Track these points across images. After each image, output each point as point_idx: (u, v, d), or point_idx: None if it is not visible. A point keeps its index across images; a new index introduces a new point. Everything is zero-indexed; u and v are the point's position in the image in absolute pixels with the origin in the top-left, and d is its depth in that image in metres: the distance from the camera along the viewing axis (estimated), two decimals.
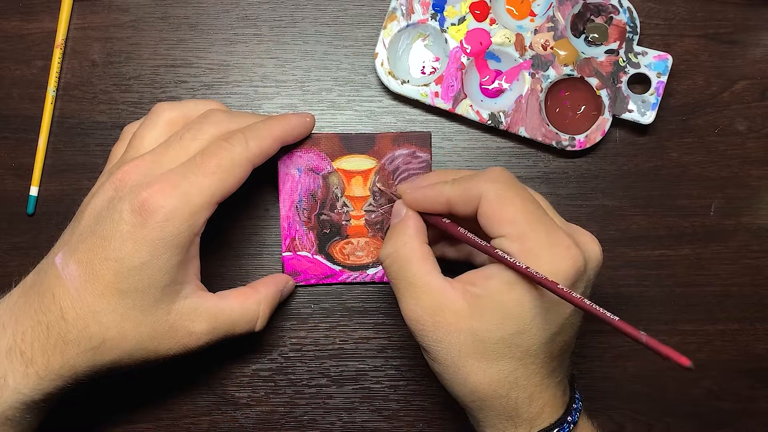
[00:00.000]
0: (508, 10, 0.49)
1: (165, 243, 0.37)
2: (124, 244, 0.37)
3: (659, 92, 0.47)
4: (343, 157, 0.46)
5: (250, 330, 0.43)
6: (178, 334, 0.40)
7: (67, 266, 0.38)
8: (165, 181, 0.38)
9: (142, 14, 0.49)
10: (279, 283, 0.45)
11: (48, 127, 0.48)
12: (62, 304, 0.38)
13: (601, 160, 0.49)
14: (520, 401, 0.37)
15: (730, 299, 0.49)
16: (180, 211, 0.38)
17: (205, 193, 0.38)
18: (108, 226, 0.38)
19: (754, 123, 0.49)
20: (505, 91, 0.48)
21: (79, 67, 0.49)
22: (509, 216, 0.37)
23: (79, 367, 0.38)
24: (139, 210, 0.37)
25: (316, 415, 0.48)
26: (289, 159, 0.45)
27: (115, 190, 0.39)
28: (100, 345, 0.38)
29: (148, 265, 0.37)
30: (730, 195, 0.49)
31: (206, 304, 0.41)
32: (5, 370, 0.38)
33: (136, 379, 0.47)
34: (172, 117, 0.42)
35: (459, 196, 0.38)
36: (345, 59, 0.49)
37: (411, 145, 0.46)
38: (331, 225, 0.46)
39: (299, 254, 0.46)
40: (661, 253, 0.49)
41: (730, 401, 0.49)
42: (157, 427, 0.48)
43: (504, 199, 0.37)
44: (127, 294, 0.38)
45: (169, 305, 0.39)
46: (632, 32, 0.47)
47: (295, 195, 0.46)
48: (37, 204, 0.48)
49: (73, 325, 0.38)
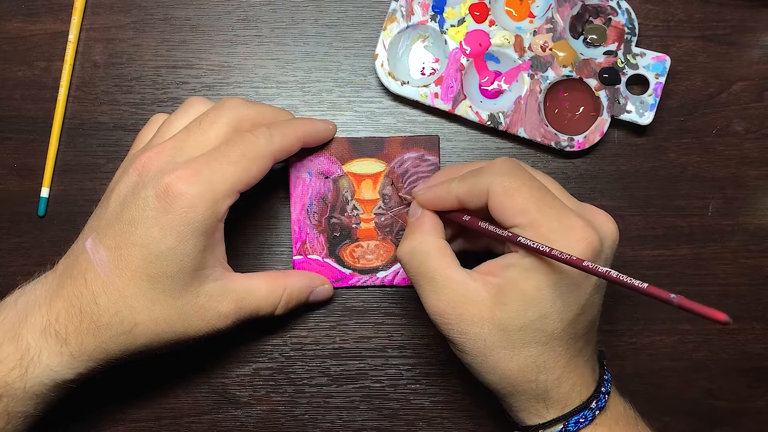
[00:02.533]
0: (508, 11, 0.49)
1: (190, 229, 0.38)
2: (150, 230, 0.38)
3: (657, 93, 0.47)
4: (353, 160, 0.46)
5: (271, 313, 0.44)
6: (208, 315, 0.40)
7: (97, 252, 0.39)
8: (188, 168, 0.38)
9: (143, 16, 0.49)
10: (313, 279, 0.46)
11: (59, 127, 0.49)
12: (94, 289, 0.39)
13: (599, 160, 0.49)
14: (549, 384, 0.38)
15: (727, 299, 0.49)
16: (203, 197, 0.38)
17: (228, 180, 0.39)
18: (133, 211, 0.38)
19: (752, 124, 0.49)
20: (505, 92, 0.49)
21: (81, 69, 0.49)
22: (518, 206, 0.37)
23: (111, 350, 0.39)
24: (164, 195, 0.38)
25: (317, 414, 0.48)
26: (300, 163, 0.46)
27: (138, 176, 0.39)
28: (132, 329, 0.39)
29: (174, 250, 0.38)
30: (727, 195, 0.49)
31: (234, 285, 0.42)
32: (41, 347, 0.38)
33: (137, 377, 0.48)
34: (203, 111, 0.42)
35: (467, 193, 0.39)
36: (345, 60, 0.49)
37: (420, 149, 0.46)
38: (341, 228, 0.46)
39: (310, 257, 0.47)
40: (660, 253, 0.49)
41: (728, 400, 0.49)
42: (158, 426, 0.48)
43: (511, 190, 0.37)
44: (156, 279, 0.38)
45: (198, 288, 0.40)
46: (630, 33, 0.48)
47: (306, 198, 0.46)
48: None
49: (105, 310, 0.38)
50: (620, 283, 0.33)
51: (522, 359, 0.38)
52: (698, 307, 0.29)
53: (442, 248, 0.39)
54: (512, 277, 0.37)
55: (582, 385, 0.39)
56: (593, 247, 0.36)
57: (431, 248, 0.39)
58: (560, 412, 0.38)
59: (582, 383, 0.39)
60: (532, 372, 0.38)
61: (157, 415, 0.48)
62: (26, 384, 0.38)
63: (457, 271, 0.39)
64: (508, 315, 0.37)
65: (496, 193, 0.37)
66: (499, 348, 0.38)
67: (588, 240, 0.36)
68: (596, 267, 0.34)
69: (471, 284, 0.38)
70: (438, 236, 0.40)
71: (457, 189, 0.39)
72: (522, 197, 0.37)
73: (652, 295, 0.31)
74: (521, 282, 0.37)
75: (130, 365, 0.41)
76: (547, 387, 0.38)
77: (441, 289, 0.38)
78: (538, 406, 0.39)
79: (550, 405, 0.39)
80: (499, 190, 0.37)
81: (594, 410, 0.38)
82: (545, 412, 0.39)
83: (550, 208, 0.37)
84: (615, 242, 0.39)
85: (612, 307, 0.49)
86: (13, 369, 0.38)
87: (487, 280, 0.38)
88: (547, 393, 0.38)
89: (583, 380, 0.39)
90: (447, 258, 0.39)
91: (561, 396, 0.38)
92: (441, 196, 0.40)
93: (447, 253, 0.39)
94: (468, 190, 0.39)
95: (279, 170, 0.46)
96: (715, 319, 0.28)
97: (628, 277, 0.33)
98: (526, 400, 0.39)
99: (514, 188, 0.37)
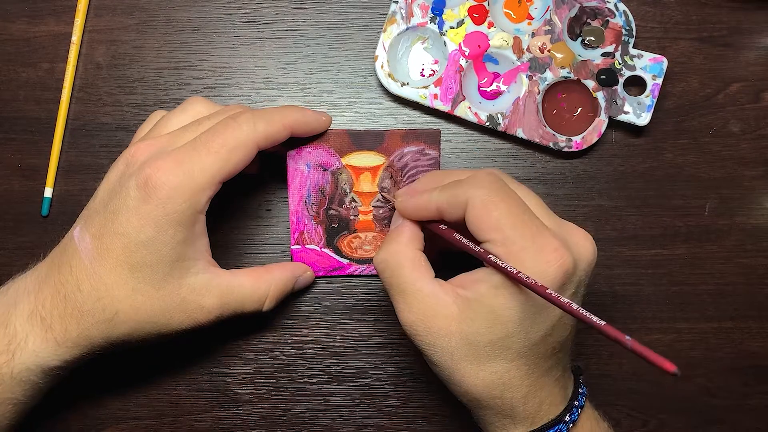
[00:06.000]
0: (506, 13, 0.49)
1: (168, 220, 0.38)
2: (130, 219, 0.38)
3: (654, 94, 0.48)
4: (352, 153, 0.46)
5: (258, 309, 0.44)
6: (189, 308, 0.40)
7: (83, 240, 0.39)
8: (169, 158, 0.38)
9: (146, 18, 0.50)
10: (295, 269, 0.46)
11: (63, 128, 0.49)
12: (78, 276, 0.39)
13: (597, 161, 0.50)
14: (515, 401, 0.38)
15: (724, 298, 0.49)
16: (182, 188, 0.38)
17: (207, 171, 0.39)
18: (117, 201, 0.39)
19: (748, 124, 0.50)
20: (503, 93, 0.49)
21: (84, 70, 0.49)
22: (494, 221, 0.36)
23: (94, 337, 0.39)
24: (144, 185, 0.38)
25: (317, 412, 0.49)
26: (298, 155, 0.46)
27: (126, 166, 0.40)
28: (114, 317, 0.39)
29: (153, 240, 0.38)
30: (724, 195, 0.50)
31: (217, 280, 0.41)
32: (27, 333, 0.39)
33: (139, 375, 0.48)
34: (202, 111, 0.42)
35: (447, 203, 0.38)
36: (345, 62, 0.50)
37: (420, 143, 0.46)
38: (339, 220, 0.47)
39: (308, 247, 0.47)
40: (657, 253, 0.49)
41: (724, 398, 0.49)
42: (160, 423, 0.48)
43: (489, 205, 0.36)
44: (136, 268, 0.39)
45: (180, 280, 0.40)
46: (628, 35, 0.48)
47: (304, 190, 0.46)
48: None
49: (87, 296, 0.39)
50: (579, 317, 0.33)
51: (487, 375, 0.37)
52: (649, 354, 0.29)
53: (416, 260, 0.39)
54: (481, 293, 0.37)
55: (551, 404, 0.38)
56: (565, 268, 0.36)
57: (404, 259, 0.39)
58: (528, 429, 0.38)
59: (551, 402, 0.38)
60: (498, 388, 0.38)
61: (159, 413, 0.48)
62: (13, 370, 0.38)
63: (429, 283, 0.38)
64: (475, 330, 0.37)
65: (473, 206, 0.37)
66: (466, 362, 0.37)
67: (560, 262, 0.36)
68: (558, 297, 0.33)
69: (441, 297, 0.38)
70: (414, 247, 0.40)
71: (438, 199, 0.39)
72: (498, 213, 0.36)
73: (606, 335, 0.31)
74: (489, 299, 0.37)
75: (130, 364, 0.41)
76: (513, 404, 0.38)
77: (411, 300, 0.38)
78: (505, 421, 0.39)
79: (517, 422, 0.38)
80: (477, 203, 0.37)
81: (568, 423, 0.38)
82: (512, 428, 0.39)
83: (525, 226, 0.36)
84: (591, 263, 0.38)
85: (610, 306, 0.49)
86: (0, 355, 0.38)
87: (458, 293, 0.38)
88: (513, 410, 0.38)
89: (552, 399, 0.39)
90: (420, 270, 0.39)
91: (528, 414, 0.38)
92: (421, 206, 0.39)
93: (420, 264, 0.39)
94: (447, 200, 0.38)
95: (275, 159, 0.46)
96: (664, 369, 0.28)
97: (588, 313, 0.32)
98: (493, 415, 0.39)
99: (492, 203, 0.36)
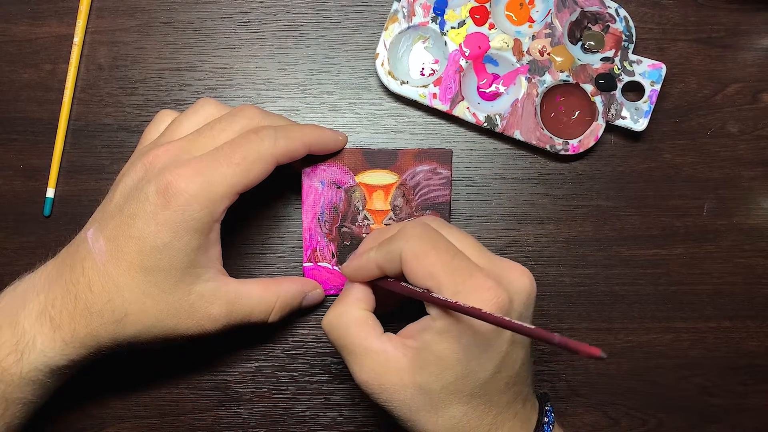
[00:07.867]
0: (508, 15, 0.50)
1: (185, 226, 0.39)
2: (148, 224, 0.39)
3: (652, 100, 0.48)
4: (365, 171, 0.46)
5: (264, 320, 0.44)
6: (197, 314, 0.41)
7: (97, 241, 0.40)
8: (190, 166, 0.39)
9: (147, 19, 0.50)
10: (305, 285, 0.46)
11: (65, 128, 0.49)
12: (90, 277, 0.39)
13: (596, 161, 0.50)
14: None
15: (722, 297, 0.50)
16: (201, 197, 0.39)
17: (227, 182, 0.39)
18: (135, 205, 0.39)
19: (746, 125, 0.50)
20: (502, 95, 0.49)
21: (86, 71, 0.50)
22: (426, 270, 0.37)
23: (101, 337, 0.40)
24: (164, 191, 0.38)
25: (318, 411, 0.49)
26: (312, 172, 0.46)
27: (144, 171, 0.40)
28: (123, 318, 0.39)
29: (169, 246, 0.39)
30: (722, 196, 0.50)
31: (226, 288, 0.42)
32: (35, 333, 0.39)
33: (141, 375, 0.48)
34: (213, 113, 0.43)
35: (384, 259, 0.39)
36: (346, 63, 0.50)
37: (432, 162, 0.46)
38: (351, 237, 0.47)
39: (320, 265, 0.47)
40: (655, 253, 0.50)
41: (723, 397, 0.50)
42: (162, 423, 0.49)
43: (419, 255, 0.37)
44: (149, 272, 0.39)
45: (190, 286, 0.40)
46: (628, 41, 0.48)
47: (318, 207, 0.46)
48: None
49: (98, 297, 0.39)
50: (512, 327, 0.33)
51: (446, 421, 0.38)
52: (575, 345, 0.29)
53: (362, 319, 0.40)
54: (427, 341, 0.37)
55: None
56: (500, 305, 0.36)
57: (350, 320, 0.40)
58: None
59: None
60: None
61: (161, 412, 0.49)
62: (22, 369, 0.39)
63: (376, 341, 0.39)
64: (427, 378, 0.37)
65: (405, 259, 0.38)
66: (424, 411, 0.38)
67: (494, 300, 0.36)
68: (491, 314, 0.34)
69: (391, 352, 0.38)
70: (359, 307, 0.40)
71: (375, 257, 0.39)
72: (429, 261, 0.37)
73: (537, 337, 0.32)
74: (435, 345, 0.37)
75: (132, 363, 0.41)
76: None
77: (362, 360, 0.39)
78: None
79: None
80: (408, 255, 0.37)
81: None
82: None
83: (456, 271, 0.37)
84: (529, 297, 0.38)
85: (608, 306, 0.50)
86: (9, 354, 0.39)
87: (406, 345, 0.38)
88: None
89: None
90: (366, 329, 0.39)
91: None
92: (362, 266, 0.40)
93: (367, 324, 0.40)
94: (384, 257, 0.39)
95: (291, 176, 0.46)
96: (590, 355, 0.29)
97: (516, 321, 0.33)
98: None
99: (422, 252, 0.37)
